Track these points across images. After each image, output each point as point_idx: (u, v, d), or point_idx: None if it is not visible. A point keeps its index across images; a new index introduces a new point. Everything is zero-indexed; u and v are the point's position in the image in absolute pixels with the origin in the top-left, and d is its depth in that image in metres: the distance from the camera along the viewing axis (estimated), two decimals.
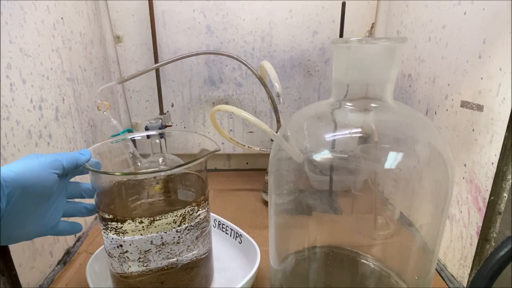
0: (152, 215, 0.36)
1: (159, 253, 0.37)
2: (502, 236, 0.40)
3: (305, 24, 0.78)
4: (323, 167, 0.44)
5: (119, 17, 0.77)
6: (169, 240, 0.38)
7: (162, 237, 0.37)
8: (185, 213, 0.38)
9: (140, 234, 0.36)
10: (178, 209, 0.37)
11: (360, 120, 0.41)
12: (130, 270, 0.38)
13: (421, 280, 0.44)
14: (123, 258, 0.38)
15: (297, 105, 0.85)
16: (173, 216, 0.37)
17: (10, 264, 0.39)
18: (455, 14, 0.50)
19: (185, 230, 0.38)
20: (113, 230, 0.37)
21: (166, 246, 0.37)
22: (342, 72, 0.41)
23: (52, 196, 0.33)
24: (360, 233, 0.51)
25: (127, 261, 0.37)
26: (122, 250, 0.37)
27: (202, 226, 0.41)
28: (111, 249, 0.38)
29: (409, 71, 0.65)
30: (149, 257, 0.37)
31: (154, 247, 0.37)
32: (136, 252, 0.37)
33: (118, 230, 0.37)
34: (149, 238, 0.37)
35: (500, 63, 0.41)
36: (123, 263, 0.38)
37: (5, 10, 0.44)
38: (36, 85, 0.50)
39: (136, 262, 0.37)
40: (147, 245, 0.37)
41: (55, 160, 0.33)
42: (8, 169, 0.29)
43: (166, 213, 0.37)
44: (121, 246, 0.37)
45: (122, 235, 0.37)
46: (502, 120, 0.40)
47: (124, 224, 0.36)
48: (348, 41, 0.38)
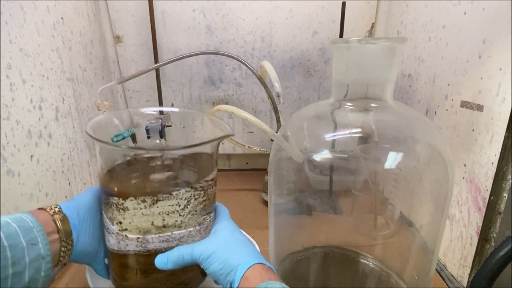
0: (155, 194, 0.35)
1: (159, 236, 0.36)
2: (502, 236, 0.40)
3: (305, 24, 0.78)
4: (323, 167, 0.44)
5: (119, 17, 0.77)
6: (171, 223, 0.36)
7: (164, 219, 0.36)
8: (190, 196, 0.36)
9: (142, 213, 0.35)
10: (183, 192, 0.36)
11: (360, 120, 0.41)
12: (127, 248, 0.37)
13: (421, 280, 0.44)
14: (121, 236, 0.36)
15: (297, 105, 0.85)
16: (177, 199, 0.36)
17: None
18: (455, 14, 0.50)
19: (188, 215, 0.37)
20: (114, 205, 0.36)
21: (167, 229, 0.36)
22: (342, 72, 0.41)
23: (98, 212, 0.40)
24: (360, 233, 0.51)
25: (125, 239, 0.36)
26: (121, 228, 0.36)
27: (206, 212, 0.39)
28: (109, 225, 0.37)
29: (409, 71, 0.65)
30: (148, 238, 0.36)
31: (155, 229, 0.36)
32: (135, 231, 0.36)
33: (119, 207, 0.35)
34: (150, 219, 0.36)
35: (500, 63, 0.41)
36: (121, 241, 0.37)
37: (5, 10, 0.44)
38: (36, 85, 0.50)
39: (134, 242, 0.36)
40: (148, 225, 0.36)
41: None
42: (72, 200, 0.39)
43: (170, 193, 0.35)
44: (120, 223, 0.36)
45: (123, 212, 0.36)
46: (502, 120, 0.40)
47: (126, 200, 0.35)
48: (348, 41, 0.38)
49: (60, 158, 0.56)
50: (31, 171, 0.48)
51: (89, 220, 0.38)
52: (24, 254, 0.30)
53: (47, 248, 0.32)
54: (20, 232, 0.30)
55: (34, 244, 0.31)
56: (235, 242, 0.38)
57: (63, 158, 0.57)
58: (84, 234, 0.37)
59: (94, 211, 0.39)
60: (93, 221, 0.38)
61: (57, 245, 0.34)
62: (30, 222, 0.32)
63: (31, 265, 0.30)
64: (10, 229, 0.30)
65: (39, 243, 0.31)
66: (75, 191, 0.60)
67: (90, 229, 0.38)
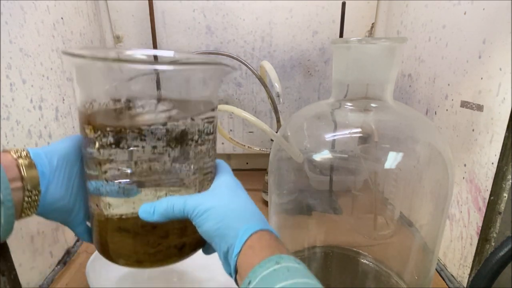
0: (143, 131, 0.29)
1: (146, 179, 0.31)
2: (502, 236, 0.40)
3: (305, 24, 0.78)
4: (323, 167, 0.44)
5: (119, 17, 0.77)
6: (160, 169, 0.30)
7: (152, 162, 0.30)
8: (183, 136, 0.30)
9: (127, 156, 0.30)
10: (175, 129, 0.30)
11: (360, 120, 0.41)
12: (110, 207, 0.31)
13: (421, 280, 0.44)
14: (101, 173, 0.31)
15: (297, 105, 0.85)
16: (168, 137, 0.30)
17: (10, 264, 0.39)
18: (455, 14, 0.50)
19: (181, 158, 0.31)
20: (95, 149, 0.30)
21: (155, 175, 0.31)
22: (342, 72, 0.41)
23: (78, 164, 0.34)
24: (360, 233, 0.51)
25: (105, 196, 0.31)
26: (101, 170, 0.31)
27: (203, 163, 0.33)
28: (90, 175, 0.32)
29: (409, 71, 0.65)
30: (133, 172, 0.30)
31: (139, 165, 0.30)
32: (115, 168, 0.30)
33: (102, 150, 0.30)
34: (133, 154, 0.29)
35: (500, 63, 0.41)
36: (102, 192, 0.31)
37: (5, 10, 0.44)
38: (36, 85, 0.50)
39: (116, 183, 0.31)
40: (129, 164, 0.30)
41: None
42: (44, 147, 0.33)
43: (159, 130, 0.29)
44: (103, 171, 0.30)
45: (103, 149, 0.30)
46: (502, 120, 0.40)
47: (108, 138, 0.29)
48: (348, 41, 0.38)
49: None
50: None
51: (64, 170, 0.32)
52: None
53: (8, 192, 0.28)
54: None
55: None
56: (238, 201, 0.32)
57: None
58: (55, 185, 0.32)
59: (72, 160, 0.33)
60: (69, 171, 0.33)
61: (20, 194, 0.29)
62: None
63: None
64: None
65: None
66: None
67: (64, 181, 0.32)
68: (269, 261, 0.26)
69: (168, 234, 0.33)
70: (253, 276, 0.25)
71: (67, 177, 0.33)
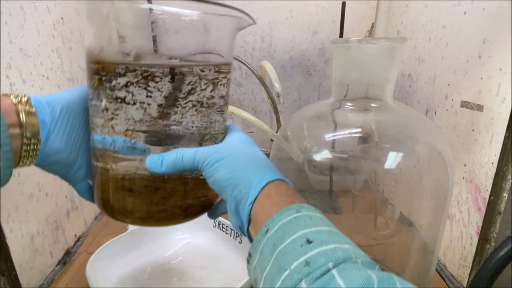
0: (150, 72, 0.28)
1: (153, 127, 0.29)
2: (502, 236, 0.40)
3: (305, 24, 0.78)
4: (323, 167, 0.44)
5: None
6: (168, 121, 0.29)
7: (162, 108, 0.28)
8: (195, 82, 0.29)
9: (139, 103, 0.28)
10: (188, 74, 0.28)
11: (360, 120, 0.41)
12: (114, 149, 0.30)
13: (421, 280, 0.44)
14: (108, 126, 0.29)
15: (297, 105, 0.85)
16: (178, 87, 0.28)
17: (10, 264, 0.39)
18: (455, 14, 0.50)
19: (192, 109, 0.29)
20: (103, 97, 0.29)
21: (162, 129, 0.29)
22: (342, 72, 0.41)
23: (84, 117, 0.33)
24: (360, 233, 0.51)
25: (110, 152, 0.30)
26: (107, 124, 0.29)
27: (214, 117, 0.31)
28: (95, 127, 0.31)
29: (409, 71, 0.65)
30: (140, 127, 0.29)
31: (148, 116, 0.28)
32: (123, 120, 0.29)
33: (109, 95, 0.29)
34: (144, 110, 0.28)
35: (500, 63, 0.41)
36: (106, 144, 0.30)
37: (5, 10, 0.44)
38: (36, 85, 0.50)
39: (122, 137, 0.29)
40: (136, 118, 0.28)
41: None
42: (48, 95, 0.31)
43: (169, 75, 0.28)
44: (105, 116, 0.29)
45: (110, 101, 0.28)
46: (502, 120, 0.40)
47: (117, 80, 0.28)
48: (348, 41, 0.38)
49: None
50: (31, 171, 0.48)
51: (67, 121, 0.31)
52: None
53: (6, 135, 0.26)
54: None
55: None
56: (252, 153, 0.30)
57: None
58: (56, 135, 0.30)
59: (76, 111, 0.32)
60: (71, 122, 0.31)
61: (18, 141, 0.28)
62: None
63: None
64: None
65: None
66: (75, 191, 0.60)
67: (66, 132, 0.31)
68: (289, 209, 0.24)
69: (171, 195, 0.32)
70: (271, 224, 0.24)
71: (69, 128, 0.31)
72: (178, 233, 0.58)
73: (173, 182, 0.31)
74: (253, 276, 0.25)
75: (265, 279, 0.23)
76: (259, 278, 0.23)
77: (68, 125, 0.31)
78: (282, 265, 0.22)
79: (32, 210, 0.48)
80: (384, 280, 0.19)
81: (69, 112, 0.31)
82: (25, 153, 0.29)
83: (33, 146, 0.29)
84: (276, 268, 0.22)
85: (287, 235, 0.23)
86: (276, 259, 0.22)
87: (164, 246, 0.56)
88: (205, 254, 0.55)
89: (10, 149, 0.27)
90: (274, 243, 0.23)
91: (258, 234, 0.24)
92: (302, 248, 0.22)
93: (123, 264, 0.51)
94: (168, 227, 0.57)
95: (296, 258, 0.21)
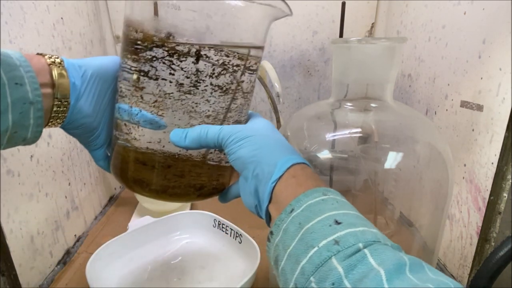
0: (184, 46, 0.28)
1: (180, 104, 0.29)
2: (502, 236, 0.40)
3: (305, 24, 0.78)
4: (323, 167, 0.44)
5: (119, 17, 0.77)
6: (195, 100, 0.29)
7: (190, 83, 0.28)
8: (226, 63, 0.29)
9: (170, 80, 0.28)
10: (216, 59, 0.28)
11: (360, 120, 0.41)
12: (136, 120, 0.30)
13: None
14: (136, 97, 0.30)
15: (297, 105, 0.85)
16: (209, 65, 0.28)
17: (10, 264, 0.39)
18: (455, 14, 0.50)
19: (218, 91, 0.30)
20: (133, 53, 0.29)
21: (187, 98, 0.29)
22: (342, 72, 0.41)
23: (112, 86, 0.33)
24: None
25: (131, 125, 0.30)
26: (136, 88, 0.30)
27: (240, 106, 0.32)
28: (122, 101, 0.31)
29: (409, 71, 0.65)
30: (167, 102, 0.29)
31: (177, 91, 0.29)
32: (151, 94, 0.29)
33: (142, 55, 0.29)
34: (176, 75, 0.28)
35: (500, 63, 0.41)
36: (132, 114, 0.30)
37: (5, 10, 0.44)
38: None
39: (147, 110, 0.30)
40: (170, 86, 0.28)
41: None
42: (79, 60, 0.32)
43: (201, 53, 0.28)
44: (137, 81, 0.29)
45: (144, 65, 0.29)
46: (502, 120, 0.40)
47: (153, 49, 0.28)
48: (348, 41, 0.38)
49: (60, 158, 0.56)
50: (31, 171, 0.48)
51: (96, 86, 0.31)
52: (5, 92, 0.25)
53: (38, 93, 0.27)
54: (1, 66, 0.25)
55: (19, 84, 0.26)
56: (277, 137, 0.30)
57: (63, 158, 0.57)
58: (85, 100, 0.31)
59: (106, 78, 0.32)
60: (100, 89, 0.32)
61: (49, 101, 0.28)
62: (16, 60, 0.26)
63: (14, 107, 0.26)
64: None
65: (26, 85, 0.26)
66: (75, 191, 0.60)
67: (94, 97, 0.31)
68: (316, 191, 0.24)
69: (183, 175, 0.32)
70: (296, 205, 0.24)
71: (97, 93, 0.32)
72: (178, 233, 0.58)
73: (190, 163, 0.32)
74: (273, 254, 0.25)
75: (289, 256, 0.23)
76: (281, 255, 0.23)
77: (97, 91, 0.32)
78: (310, 242, 0.22)
79: (32, 210, 0.48)
80: (415, 263, 0.20)
81: (99, 78, 0.31)
82: (54, 114, 0.29)
83: (63, 108, 0.29)
84: (302, 245, 0.22)
85: (314, 215, 0.23)
86: (302, 237, 0.22)
87: (164, 246, 0.56)
88: (205, 254, 0.55)
89: (42, 107, 0.27)
90: (300, 222, 0.23)
91: (282, 213, 0.24)
92: (330, 227, 0.22)
93: (123, 264, 0.51)
94: (169, 227, 0.58)
95: (324, 237, 0.21)
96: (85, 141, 0.34)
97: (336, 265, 0.20)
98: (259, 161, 0.27)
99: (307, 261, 0.21)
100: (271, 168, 0.26)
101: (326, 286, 0.20)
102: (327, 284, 0.20)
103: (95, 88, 0.31)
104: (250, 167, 0.27)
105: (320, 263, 0.20)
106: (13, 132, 0.26)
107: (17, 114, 0.26)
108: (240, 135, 0.28)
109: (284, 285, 0.23)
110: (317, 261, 0.21)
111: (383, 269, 0.19)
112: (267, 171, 0.26)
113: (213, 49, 0.29)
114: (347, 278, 0.19)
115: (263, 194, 0.27)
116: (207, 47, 0.29)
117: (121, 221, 0.67)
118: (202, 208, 0.68)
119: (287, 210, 0.24)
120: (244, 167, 0.28)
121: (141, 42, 0.29)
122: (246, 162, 0.28)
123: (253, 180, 0.27)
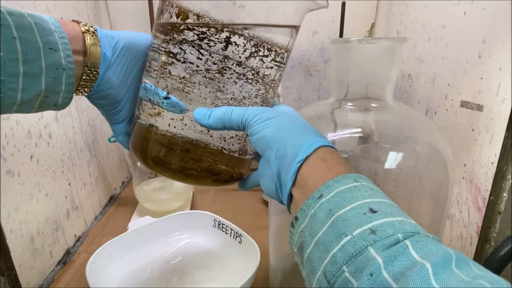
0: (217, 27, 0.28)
1: (206, 87, 0.30)
2: (502, 236, 0.40)
3: (305, 24, 0.78)
4: None
5: (119, 17, 0.77)
6: (222, 85, 0.29)
7: (221, 67, 0.29)
8: (258, 47, 0.29)
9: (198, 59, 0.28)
10: (247, 43, 0.29)
11: (360, 120, 0.41)
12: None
13: None
14: (163, 78, 0.30)
15: (297, 105, 0.85)
16: (240, 50, 0.28)
17: (10, 264, 0.39)
18: (455, 14, 0.50)
19: (244, 76, 0.30)
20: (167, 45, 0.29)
21: (214, 79, 0.29)
22: (342, 72, 0.41)
23: (140, 62, 0.33)
24: None
25: (154, 104, 0.31)
26: (164, 68, 0.30)
27: (266, 90, 0.33)
28: (148, 82, 0.31)
29: (409, 71, 0.65)
30: (194, 80, 0.29)
31: (204, 70, 0.29)
32: (178, 76, 0.29)
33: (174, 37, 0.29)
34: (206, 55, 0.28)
35: (500, 63, 0.41)
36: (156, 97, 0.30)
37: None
38: None
39: (172, 92, 0.30)
40: (191, 75, 0.29)
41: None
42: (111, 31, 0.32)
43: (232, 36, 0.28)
44: (166, 61, 0.29)
45: (174, 47, 0.29)
46: (502, 120, 0.40)
47: (184, 32, 0.28)
48: (348, 41, 0.38)
49: (60, 158, 0.56)
50: (31, 171, 0.48)
51: (125, 60, 0.32)
52: (39, 56, 0.25)
53: (70, 60, 0.27)
54: (36, 30, 0.25)
55: (53, 49, 0.26)
56: (302, 121, 0.30)
57: (63, 158, 0.57)
58: (114, 71, 0.31)
59: (135, 53, 0.32)
60: (129, 62, 0.32)
61: (80, 69, 0.29)
62: (51, 25, 0.26)
63: (48, 72, 0.26)
64: (23, 22, 0.25)
65: (59, 51, 0.26)
66: (75, 191, 0.60)
67: (122, 70, 0.32)
68: (347, 177, 0.23)
69: (201, 159, 0.32)
70: (326, 190, 0.23)
71: (126, 67, 0.32)
72: (178, 233, 0.58)
73: (209, 150, 0.32)
74: (297, 240, 0.23)
75: (317, 243, 0.22)
76: (308, 242, 0.22)
77: (126, 64, 0.32)
78: (342, 230, 0.20)
79: (32, 210, 0.48)
80: (461, 258, 0.18)
81: (129, 51, 0.32)
82: (83, 82, 0.30)
83: (92, 77, 0.30)
84: (332, 233, 0.21)
85: (346, 202, 0.22)
86: (333, 224, 0.21)
87: (164, 246, 0.56)
88: (205, 254, 0.55)
89: (73, 74, 0.28)
90: (330, 209, 0.22)
91: (309, 199, 0.23)
92: (365, 216, 0.21)
93: (123, 264, 0.51)
94: (169, 227, 0.58)
95: (359, 225, 0.20)
96: (108, 113, 0.34)
97: (375, 255, 0.19)
98: (284, 141, 0.26)
99: (339, 250, 0.20)
100: (296, 149, 0.25)
101: (363, 276, 0.18)
102: (365, 275, 0.18)
103: (125, 61, 0.32)
104: (273, 147, 0.26)
105: (355, 252, 0.19)
106: (44, 97, 0.27)
107: (49, 79, 0.26)
108: (265, 116, 0.27)
109: (309, 273, 0.22)
110: (351, 250, 0.19)
111: (429, 262, 0.17)
112: (292, 152, 0.25)
113: (246, 34, 0.29)
114: (387, 270, 0.18)
115: (286, 175, 0.25)
116: (240, 30, 0.28)
117: (121, 221, 0.67)
118: (202, 208, 0.68)
119: (315, 196, 0.23)
120: (268, 147, 0.26)
121: (175, 17, 0.28)
122: (269, 142, 0.26)
123: (276, 161, 0.26)
